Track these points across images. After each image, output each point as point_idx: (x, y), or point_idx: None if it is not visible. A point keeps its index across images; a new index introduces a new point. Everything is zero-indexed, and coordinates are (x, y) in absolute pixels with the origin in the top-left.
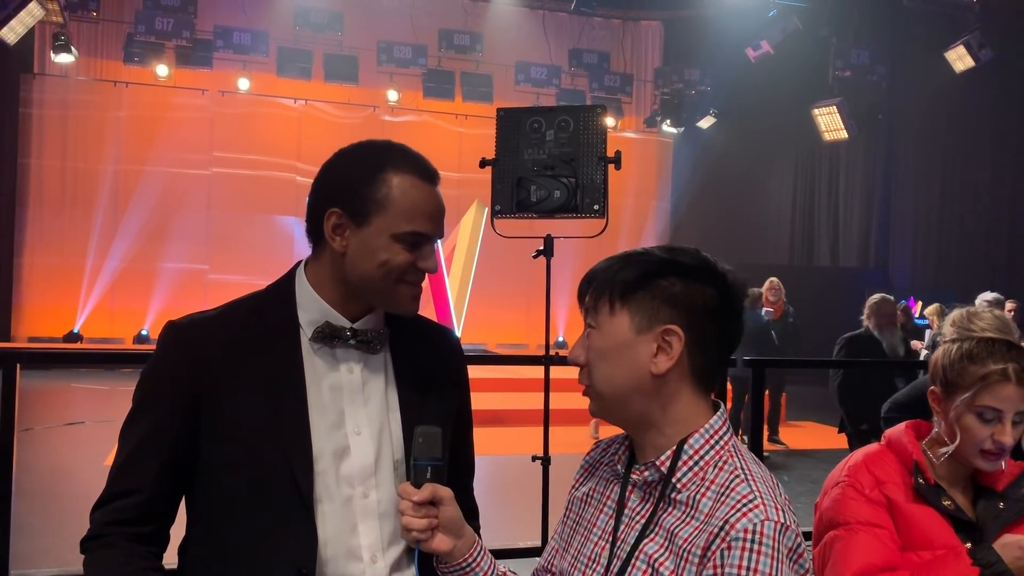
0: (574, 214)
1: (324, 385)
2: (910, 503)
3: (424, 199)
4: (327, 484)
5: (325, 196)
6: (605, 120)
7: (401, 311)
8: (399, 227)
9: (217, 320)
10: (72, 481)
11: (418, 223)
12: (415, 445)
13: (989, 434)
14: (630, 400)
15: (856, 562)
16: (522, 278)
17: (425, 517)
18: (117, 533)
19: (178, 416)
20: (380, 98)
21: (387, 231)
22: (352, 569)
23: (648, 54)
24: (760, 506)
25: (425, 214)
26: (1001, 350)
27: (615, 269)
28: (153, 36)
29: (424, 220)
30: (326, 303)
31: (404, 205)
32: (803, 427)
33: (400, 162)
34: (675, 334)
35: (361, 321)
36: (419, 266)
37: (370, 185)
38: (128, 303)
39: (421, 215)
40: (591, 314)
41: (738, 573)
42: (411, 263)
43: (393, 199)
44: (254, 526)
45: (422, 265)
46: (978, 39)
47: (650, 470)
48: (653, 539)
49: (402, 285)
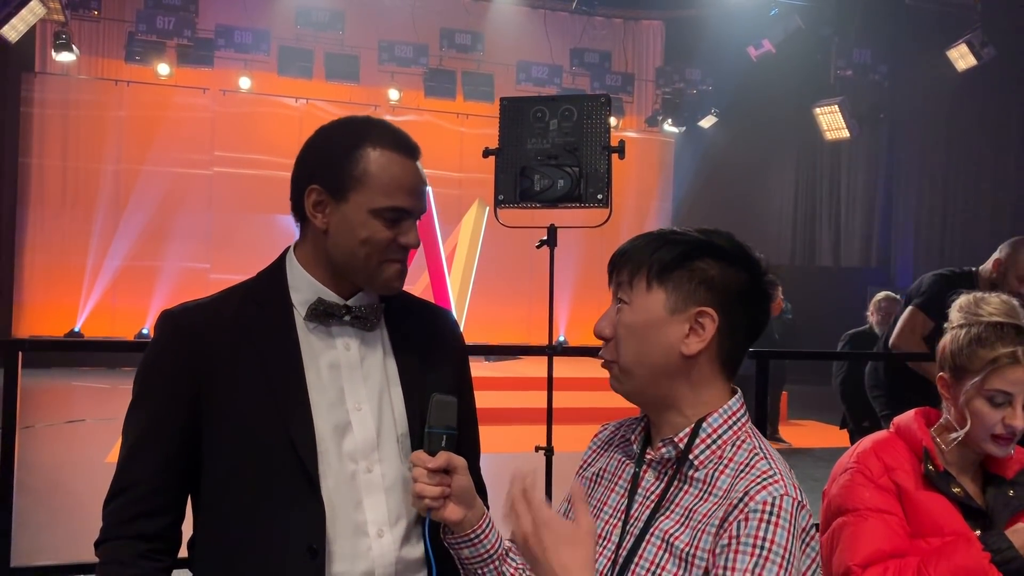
0: (578, 203)
1: (322, 363)
2: (919, 490)
3: (403, 173)
4: (330, 461)
5: (305, 173)
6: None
7: (386, 289)
8: (378, 202)
9: (211, 307)
10: (73, 478)
11: (397, 198)
12: (430, 412)
13: (1000, 418)
14: (655, 379)
15: (865, 548)
16: (524, 277)
17: (439, 485)
18: (128, 536)
19: (178, 404)
20: (381, 97)
21: (366, 206)
22: (360, 544)
23: (649, 53)
24: (780, 482)
25: (404, 188)
26: (1010, 334)
27: (653, 247)
28: (154, 35)
29: (403, 195)
30: (317, 282)
31: (383, 180)
32: (805, 426)
33: (378, 136)
34: (709, 316)
35: (355, 298)
36: (400, 242)
37: (348, 160)
38: (129, 302)
39: (400, 189)
40: (623, 289)
41: (753, 543)
42: (391, 239)
43: (371, 174)
44: (262, 506)
45: (403, 241)
46: (980, 38)
47: (667, 447)
48: (668, 516)
49: (385, 262)
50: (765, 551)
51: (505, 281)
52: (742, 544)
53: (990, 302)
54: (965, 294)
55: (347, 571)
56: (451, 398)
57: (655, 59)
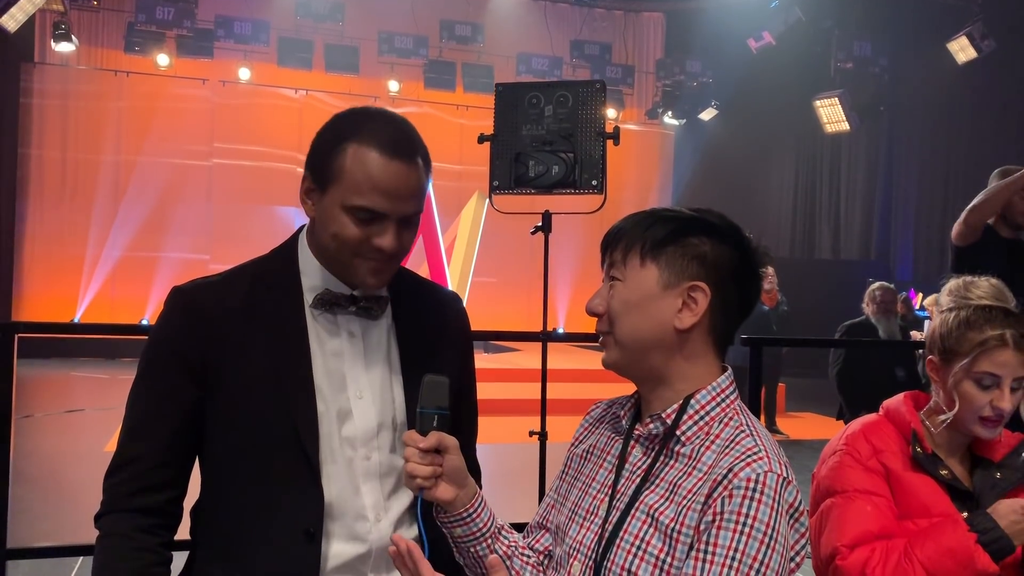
0: (572, 189)
1: (327, 350)
2: (907, 472)
3: (381, 174)
4: (331, 447)
5: (307, 160)
6: (604, 95)
7: (361, 286)
8: (349, 199)
9: (222, 285)
10: (72, 467)
11: (368, 198)
12: (421, 393)
13: (988, 400)
14: (649, 353)
15: (853, 529)
16: (522, 270)
17: (430, 465)
18: (128, 509)
19: (184, 381)
20: (381, 89)
21: (338, 202)
22: (358, 528)
23: (650, 45)
24: (764, 458)
25: (378, 190)
26: (999, 317)
27: (646, 224)
28: (154, 25)
29: (376, 195)
30: (326, 270)
31: (357, 178)
32: (803, 418)
33: (367, 134)
34: (701, 290)
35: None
36: (373, 243)
37: (331, 153)
38: (129, 293)
39: (373, 190)
40: (617, 267)
41: (737, 519)
42: (361, 239)
43: (346, 170)
44: (262, 488)
45: (376, 242)
46: (980, 30)
47: (655, 422)
48: (654, 490)
49: (358, 259)
50: (747, 527)
51: (504, 273)
52: (725, 520)
53: (979, 286)
54: (955, 278)
55: (344, 553)
56: (443, 378)
57: (655, 51)
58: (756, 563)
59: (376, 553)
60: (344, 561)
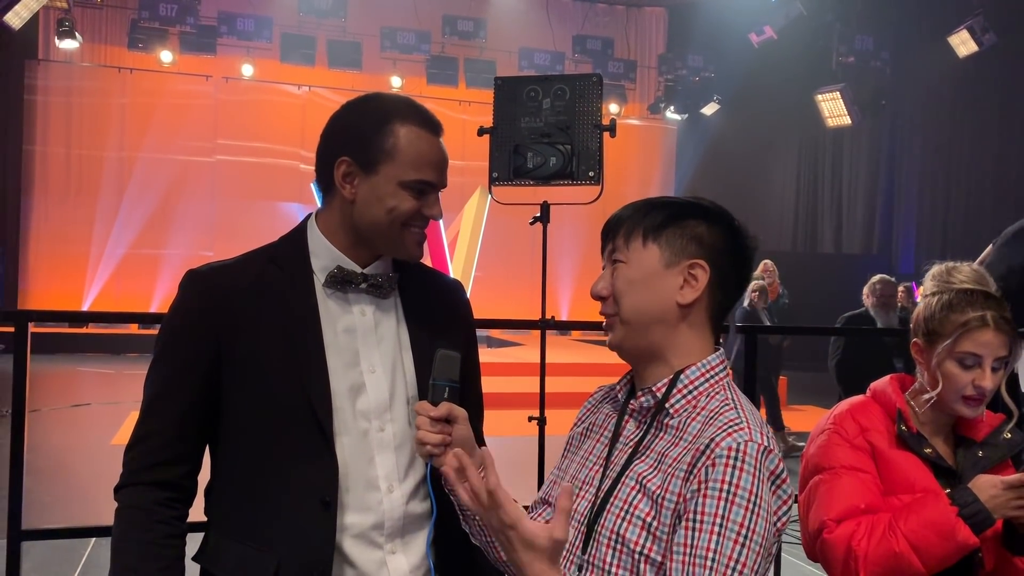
0: (570, 180)
1: (339, 327)
2: (892, 449)
3: (429, 149)
4: (344, 419)
5: (335, 145)
6: (601, 88)
7: (406, 256)
8: (406, 175)
9: (235, 268)
10: (80, 460)
11: (424, 172)
12: (435, 365)
13: (970, 380)
14: (651, 328)
15: (840, 504)
16: (525, 264)
17: (440, 433)
18: (146, 483)
19: (200, 359)
20: (384, 84)
21: (395, 179)
22: (371, 498)
23: (652, 40)
24: (745, 429)
25: (431, 164)
26: (980, 299)
27: (645, 210)
28: (157, 22)
29: (429, 169)
30: (337, 250)
31: (411, 154)
32: (804, 411)
33: (407, 113)
34: (701, 267)
35: (371, 267)
36: (424, 213)
37: (378, 135)
38: (133, 289)
39: (427, 164)
40: (620, 251)
41: (720, 487)
42: (417, 210)
43: (400, 148)
44: (278, 461)
45: (427, 212)
46: (981, 24)
47: (647, 396)
48: (643, 460)
49: (407, 231)
50: (731, 495)
51: (506, 268)
52: (710, 489)
53: (961, 271)
54: (938, 264)
55: (358, 523)
56: (455, 352)
57: (657, 46)
58: (743, 528)
59: (389, 523)
60: (359, 532)
